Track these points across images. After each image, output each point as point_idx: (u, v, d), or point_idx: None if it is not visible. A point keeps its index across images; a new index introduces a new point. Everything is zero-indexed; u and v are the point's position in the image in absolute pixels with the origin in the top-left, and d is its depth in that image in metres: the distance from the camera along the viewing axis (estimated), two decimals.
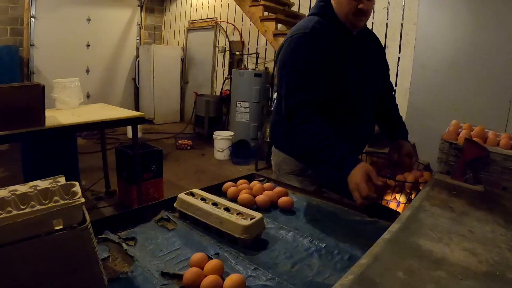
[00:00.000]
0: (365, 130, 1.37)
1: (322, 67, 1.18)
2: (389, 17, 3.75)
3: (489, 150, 1.01)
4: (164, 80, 6.54)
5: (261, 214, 0.90)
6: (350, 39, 1.26)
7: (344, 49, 1.22)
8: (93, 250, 0.59)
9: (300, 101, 1.15)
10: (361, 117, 1.31)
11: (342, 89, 1.23)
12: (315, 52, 1.17)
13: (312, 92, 1.16)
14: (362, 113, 1.31)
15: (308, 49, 1.18)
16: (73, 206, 0.56)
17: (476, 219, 0.80)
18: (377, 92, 1.38)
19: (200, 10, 6.50)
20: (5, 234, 0.50)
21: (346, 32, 1.25)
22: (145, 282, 0.70)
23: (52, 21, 5.71)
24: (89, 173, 3.61)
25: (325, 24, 1.22)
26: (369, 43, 1.35)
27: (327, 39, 1.19)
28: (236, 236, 0.85)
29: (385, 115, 1.46)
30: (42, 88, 2.08)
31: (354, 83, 1.24)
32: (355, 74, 1.24)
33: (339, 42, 1.21)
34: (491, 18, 3.06)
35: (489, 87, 3.12)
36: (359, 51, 1.27)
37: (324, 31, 1.20)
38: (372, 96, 1.35)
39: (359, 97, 1.26)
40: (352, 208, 1.09)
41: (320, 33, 1.19)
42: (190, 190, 1.04)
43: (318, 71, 1.18)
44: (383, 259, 0.61)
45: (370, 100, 1.35)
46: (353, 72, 1.23)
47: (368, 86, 1.29)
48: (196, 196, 1.02)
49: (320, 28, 1.20)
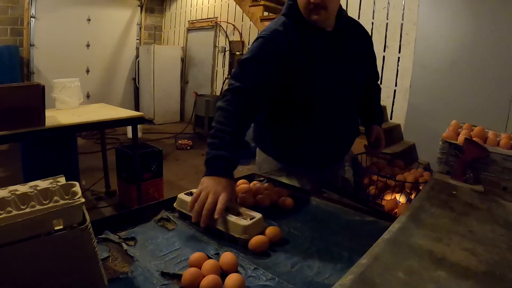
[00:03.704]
0: (346, 128, 1.34)
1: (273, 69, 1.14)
2: (389, 17, 3.75)
3: (489, 150, 1.01)
4: (164, 80, 6.55)
5: (260, 214, 0.90)
6: (322, 37, 1.20)
7: (312, 50, 1.18)
8: (93, 250, 0.59)
9: (231, 88, 1.11)
10: (339, 116, 1.28)
11: (308, 92, 1.19)
12: (268, 53, 1.14)
13: (246, 83, 1.10)
14: (340, 112, 1.28)
15: (262, 50, 1.15)
16: (73, 206, 0.56)
17: (476, 219, 0.80)
18: (359, 88, 1.35)
19: (200, 10, 6.50)
20: (5, 234, 0.50)
21: (317, 31, 1.20)
22: (145, 282, 0.70)
23: (52, 21, 5.72)
24: (89, 173, 3.61)
25: (291, 25, 1.18)
26: (349, 37, 1.28)
27: (288, 42, 1.15)
28: (236, 236, 0.85)
29: (364, 105, 1.46)
30: (42, 88, 2.08)
31: (323, 85, 1.20)
32: (327, 75, 1.20)
33: (305, 44, 1.17)
34: (491, 18, 3.06)
35: (489, 87, 3.12)
36: (334, 48, 1.22)
37: (286, 33, 1.16)
38: (352, 93, 1.31)
39: (334, 97, 1.23)
40: (352, 208, 1.09)
41: (280, 36, 1.15)
42: (190, 190, 1.04)
43: (264, 71, 1.13)
44: (383, 259, 0.61)
45: (350, 98, 1.31)
46: (323, 74, 1.19)
47: (345, 84, 1.25)
48: None
49: (282, 31, 1.16)
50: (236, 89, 1.11)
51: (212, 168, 0.99)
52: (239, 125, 1.07)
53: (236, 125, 1.06)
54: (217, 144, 1.02)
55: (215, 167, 0.99)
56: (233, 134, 1.04)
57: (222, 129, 1.04)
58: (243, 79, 1.12)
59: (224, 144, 1.02)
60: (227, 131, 1.04)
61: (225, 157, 1.00)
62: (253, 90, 1.11)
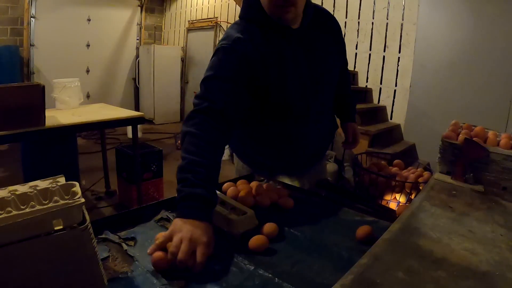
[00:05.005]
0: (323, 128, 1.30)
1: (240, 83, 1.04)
2: (389, 17, 3.75)
3: (489, 150, 1.01)
4: (164, 80, 6.55)
5: (252, 211, 0.92)
6: (290, 37, 1.12)
7: (282, 53, 1.10)
8: (93, 250, 0.59)
9: (199, 109, 0.97)
10: (315, 117, 1.22)
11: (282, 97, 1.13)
12: (233, 68, 1.03)
13: (216, 102, 0.98)
14: (316, 113, 1.21)
15: (226, 64, 1.05)
16: (73, 206, 0.56)
17: (476, 219, 0.80)
18: (333, 84, 1.28)
19: (200, 10, 6.50)
20: (5, 234, 0.50)
21: (282, 30, 1.11)
22: (145, 282, 0.70)
23: (52, 21, 5.72)
24: (89, 173, 3.61)
25: (252, 29, 1.09)
26: (317, 31, 1.19)
27: (253, 50, 1.06)
28: (225, 230, 0.87)
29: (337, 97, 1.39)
30: (42, 88, 2.08)
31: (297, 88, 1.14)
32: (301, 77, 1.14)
33: (273, 47, 1.09)
34: (491, 18, 3.06)
35: (489, 87, 3.12)
36: (304, 45, 1.14)
37: (250, 40, 1.06)
38: (327, 91, 1.25)
39: (310, 98, 1.17)
40: (352, 208, 1.09)
41: (243, 45, 1.05)
42: None
43: (232, 87, 1.02)
44: (383, 259, 0.61)
45: (325, 97, 1.26)
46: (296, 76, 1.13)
47: (319, 83, 1.19)
48: None
49: (244, 37, 1.06)
50: (205, 109, 0.96)
51: (188, 210, 0.82)
52: (214, 153, 0.93)
53: (211, 154, 0.91)
54: (191, 180, 0.85)
55: (191, 208, 0.82)
56: (208, 167, 0.89)
57: (194, 160, 0.88)
58: (211, 98, 0.98)
59: (199, 179, 0.85)
60: (201, 163, 0.88)
61: (201, 196, 0.83)
62: (225, 109, 0.98)
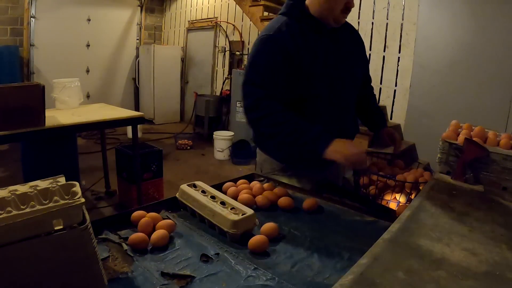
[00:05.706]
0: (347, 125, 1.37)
1: (283, 68, 1.17)
2: (389, 17, 3.74)
3: (489, 150, 1.01)
4: (164, 80, 6.54)
5: (252, 211, 0.92)
6: (324, 34, 1.24)
7: (315, 48, 1.21)
8: (93, 250, 0.59)
9: (260, 97, 1.15)
10: (341, 113, 1.31)
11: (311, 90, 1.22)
12: (276, 53, 1.16)
13: (272, 89, 1.16)
14: (342, 109, 1.31)
15: (269, 50, 1.17)
16: (73, 206, 0.56)
17: (476, 219, 0.80)
18: (358, 82, 1.38)
19: (200, 10, 6.49)
20: (5, 234, 0.50)
21: (319, 28, 1.23)
22: (145, 282, 0.70)
23: (52, 21, 5.71)
24: (89, 173, 3.61)
25: (292, 24, 1.20)
26: (345, 35, 1.33)
27: (291, 41, 1.17)
28: (225, 229, 0.87)
29: (365, 108, 1.50)
30: (42, 88, 2.08)
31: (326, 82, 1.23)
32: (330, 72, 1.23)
33: (308, 42, 1.20)
34: (491, 18, 3.06)
35: (489, 87, 3.12)
36: (335, 44, 1.26)
37: (289, 33, 1.18)
38: (352, 90, 1.35)
39: (336, 93, 1.26)
40: (352, 208, 1.09)
41: (284, 35, 1.17)
42: (194, 182, 1.07)
43: (277, 71, 1.17)
44: (383, 259, 0.61)
45: (350, 94, 1.35)
46: (326, 71, 1.22)
47: (346, 80, 1.29)
48: (198, 188, 1.05)
49: (285, 30, 1.18)
50: (266, 96, 1.15)
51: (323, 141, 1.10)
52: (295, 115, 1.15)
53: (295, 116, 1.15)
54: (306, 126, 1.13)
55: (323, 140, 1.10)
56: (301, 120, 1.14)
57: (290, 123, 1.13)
58: (265, 86, 1.16)
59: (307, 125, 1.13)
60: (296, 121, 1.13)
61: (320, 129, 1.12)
62: (278, 93, 1.17)
